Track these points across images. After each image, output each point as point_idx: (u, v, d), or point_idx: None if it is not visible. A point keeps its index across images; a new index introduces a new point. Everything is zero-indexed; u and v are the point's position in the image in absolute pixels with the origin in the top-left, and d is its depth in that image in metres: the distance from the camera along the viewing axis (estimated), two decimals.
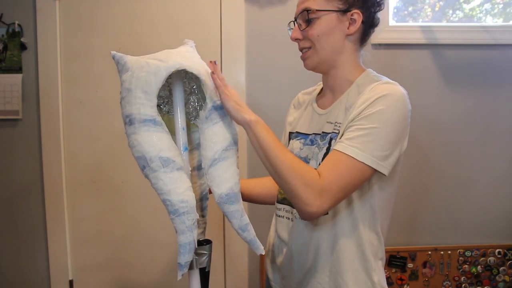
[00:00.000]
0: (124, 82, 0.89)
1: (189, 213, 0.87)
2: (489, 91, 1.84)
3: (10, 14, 1.78)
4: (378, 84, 0.94)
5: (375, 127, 0.88)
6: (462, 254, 1.83)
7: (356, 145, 0.87)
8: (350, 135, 0.89)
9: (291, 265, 1.04)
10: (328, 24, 0.97)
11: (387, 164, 0.90)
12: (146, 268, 1.90)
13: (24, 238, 1.86)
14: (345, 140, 0.89)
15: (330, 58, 1.00)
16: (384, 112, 0.88)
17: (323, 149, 0.98)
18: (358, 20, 0.98)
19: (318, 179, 0.86)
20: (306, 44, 1.01)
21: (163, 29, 1.82)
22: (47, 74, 1.79)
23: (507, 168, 1.87)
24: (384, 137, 0.88)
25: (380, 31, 1.78)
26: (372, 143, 0.88)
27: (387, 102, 0.89)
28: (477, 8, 1.94)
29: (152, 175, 0.86)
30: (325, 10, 0.97)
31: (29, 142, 1.82)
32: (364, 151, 0.87)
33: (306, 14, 0.97)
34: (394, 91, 0.91)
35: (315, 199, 0.85)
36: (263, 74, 1.80)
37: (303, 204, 0.86)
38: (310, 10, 0.97)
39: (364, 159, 0.87)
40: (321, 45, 0.98)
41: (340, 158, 0.88)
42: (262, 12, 1.79)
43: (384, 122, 0.88)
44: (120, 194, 1.87)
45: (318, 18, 0.97)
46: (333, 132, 0.97)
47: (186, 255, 0.88)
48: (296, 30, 1.01)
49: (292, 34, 1.02)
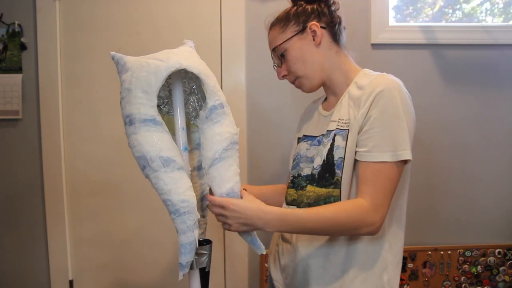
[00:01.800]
0: (124, 82, 0.89)
1: (190, 213, 0.87)
2: (489, 91, 1.84)
3: (10, 14, 1.78)
4: (374, 78, 0.97)
5: (391, 123, 0.92)
6: (462, 254, 1.83)
7: (387, 148, 0.91)
8: (374, 142, 0.92)
9: (297, 265, 1.04)
10: (296, 49, 1.04)
11: (410, 149, 0.94)
12: (146, 268, 1.90)
13: (24, 238, 1.85)
14: (373, 149, 0.92)
15: (319, 73, 1.06)
16: (389, 107, 0.92)
17: (327, 145, 0.99)
18: (317, 29, 1.04)
19: (364, 203, 0.90)
20: (292, 77, 1.08)
21: (163, 29, 1.82)
22: (47, 74, 1.79)
23: (507, 168, 1.87)
24: (402, 128, 0.92)
25: (380, 31, 1.78)
26: (397, 139, 0.92)
27: (388, 95, 0.93)
28: (477, 8, 1.94)
29: (152, 175, 0.86)
30: (285, 41, 1.04)
31: (29, 142, 1.82)
32: (395, 149, 0.91)
33: (277, 53, 1.06)
34: (388, 84, 0.94)
35: (374, 216, 0.90)
36: (263, 74, 1.79)
37: (368, 228, 0.91)
38: (275, 48, 1.06)
39: (397, 158, 0.91)
40: (302, 70, 1.05)
41: (377, 168, 0.91)
42: (262, 10, 1.78)
43: (394, 115, 0.92)
44: (120, 194, 1.87)
45: (286, 50, 1.04)
46: (336, 129, 0.99)
47: (187, 255, 0.88)
48: (278, 69, 1.09)
49: (278, 75, 1.10)
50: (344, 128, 0.98)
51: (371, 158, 0.91)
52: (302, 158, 1.09)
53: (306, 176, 1.05)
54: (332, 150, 0.98)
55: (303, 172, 1.06)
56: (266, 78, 1.80)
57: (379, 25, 1.78)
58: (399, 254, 1.03)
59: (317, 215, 0.91)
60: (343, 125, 0.98)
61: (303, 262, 1.02)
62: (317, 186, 1.00)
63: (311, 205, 1.00)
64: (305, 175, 1.05)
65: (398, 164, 0.92)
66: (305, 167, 1.06)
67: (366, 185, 0.92)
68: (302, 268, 1.02)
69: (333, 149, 0.98)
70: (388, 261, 1.00)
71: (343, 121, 0.99)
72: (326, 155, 0.98)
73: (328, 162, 0.98)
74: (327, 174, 0.98)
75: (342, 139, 0.97)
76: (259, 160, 1.81)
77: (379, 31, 1.78)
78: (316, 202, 0.99)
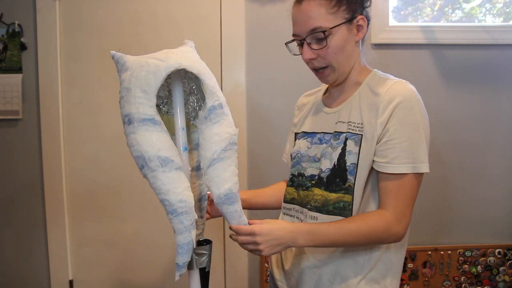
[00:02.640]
0: (124, 82, 0.89)
1: (188, 213, 0.87)
2: (489, 91, 1.84)
3: (10, 14, 1.78)
4: (392, 85, 0.96)
5: (411, 135, 0.92)
6: (462, 254, 1.83)
7: (407, 160, 0.91)
8: (394, 153, 0.92)
9: (301, 265, 1.03)
10: (342, 38, 0.97)
11: (427, 160, 0.94)
12: (146, 268, 1.90)
13: (24, 238, 1.86)
14: (393, 160, 0.92)
15: (347, 68, 1.01)
16: (409, 119, 0.92)
17: (338, 149, 0.97)
18: (364, 25, 0.99)
19: (388, 215, 0.92)
20: (321, 64, 0.99)
21: (163, 29, 1.82)
22: (47, 74, 1.79)
23: (507, 168, 1.86)
24: (421, 140, 0.93)
25: (380, 31, 1.78)
26: (417, 150, 0.92)
27: (407, 105, 0.92)
28: (477, 7, 1.94)
29: (150, 174, 0.86)
30: (336, 26, 0.95)
31: (29, 142, 1.82)
32: (415, 162, 0.92)
33: (321, 34, 0.95)
34: (407, 94, 0.94)
35: (398, 227, 0.92)
36: (263, 74, 1.80)
37: (392, 239, 0.94)
38: (325, 30, 0.94)
39: (417, 170, 0.92)
40: (338, 61, 0.98)
41: (398, 180, 0.92)
42: (262, 11, 1.78)
43: (414, 126, 0.92)
44: (120, 194, 1.87)
45: (331, 35, 0.95)
46: (348, 132, 0.97)
47: (184, 255, 0.88)
48: (308, 50, 0.97)
49: (305, 55, 0.98)
50: (356, 133, 0.96)
51: (391, 169, 0.92)
52: (304, 157, 1.07)
53: (311, 177, 1.03)
54: (344, 155, 0.96)
55: (306, 172, 1.05)
56: (266, 78, 1.80)
57: (379, 25, 1.78)
58: (403, 257, 1.05)
59: (344, 229, 0.92)
60: (355, 128, 0.96)
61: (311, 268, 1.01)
62: (326, 190, 0.98)
63: (318, 208, 0.99)
64: (309, 176, 1.04)
65: (417, 175, 0.93)
66: (308, 167, 1.05)
67: (389, 197, 0.93)
68: (309, 274, 1.01)
69: (345, 154, 0.96)
70: (394, 264, 1.01)
71: (355, 125, 0.97)
72: (337, 159, 0.97)
73: (340, 167, 0.96)
74: (337, 179, 0.96)
75: (354, 144, 0.95)
76: (259, 160, 1.81)
77: (379, 31, 1.78)
78: (324, 206, 0.98)
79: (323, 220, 0.98)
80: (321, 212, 0.98)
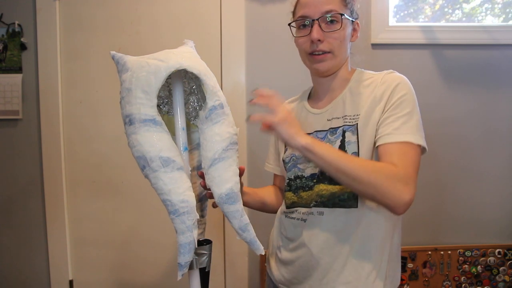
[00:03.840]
0: (124, 82, 0.89)
1: (189, 213, 0.87)
2: (489, 91, 1.84)
3: (10, 14, 1.78)
4: (385, 74, 1.01)
5: (410, 111, 0.95)
6: (462, 254, 1.83)
7: (407, 131, 0.93)
8: (394, 125, 0.93)
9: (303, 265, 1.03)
10: (348, 30, 1.03)
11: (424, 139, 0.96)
12: (146, 268, 1.90)
13: (24, 238, 1.86)
14: (394, 131, 0.93)
15: (342, 62, 1.06)
16: (408, 96, 0.96)
17: (337, 142, 0.99)
18: (358, 30, 1.07)
19: (397, 169, 0.89)
20: (325, 47, 1.01)
21: (163, 29, 1.82)
22: (47, 74, 1.79)
23: (507, 168, 1.87)
24: (418, 117, 0.96)
25: (380, 31, 1.78)
26: (416, 126, 0.94)
27: (405, 87, 0.97)
28: (477, 7, 1.94)
29: (152, 175, 0.86)
30: (349, 18, 1.02)
31: (29, 142, 1.82)
32: (415, 134, 0.93)
33: (335, 17, 0.98)
34: (402, 78, 0.99)
35: (405, 188, 0.87)
36: (263, 74, 1.80)
37: (396, 197, 0.87)
38: (343, 14, 0.99)
39: (419, 141, 0.93)
40: (340, 50, 1.02)
41: (401, 146, 0.92)
42: (262, 11, 1.79)
43: (412, 104, 0.96)
44: (120, 194, 1.87)
45: (342, 23, 1.00)
46: (344, 125, 1.00)
47: (186, 255, 0.88)
48: (319, 31, 0.99)
49: (314, 35, 0.99)
50: (352, 124, 0.98)
51: (394, 138, 0.92)
52: (300, 159, 1.07)
53: (312, 176, 1.03)
54: (344, 146, 0.98)
55: (305, 173, 1.05)
56: (266, 78, 1.80)
57: (379, 25, 1.78)
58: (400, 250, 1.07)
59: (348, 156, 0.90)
60: (351, 120, 0.99)
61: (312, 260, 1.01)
62: (329, 184, 0.99)
63: (324, 203, 1.00)
64: (310, 175, 1.04)
65: (418, 149, 0.93)
66: (307, 168, 1.05)
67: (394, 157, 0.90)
68: (311, 266, 1.02)
69: (344, 146, 0.98)
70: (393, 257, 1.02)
71: (351, 117, 0.99)
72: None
73: None
74: None
75: (352, 134, 0.97)
76: (259, 160, 1.81)
77: (379, 31, 1.78)
78: (330, 199, 0.99)
79: (329, 214, 0.99)
80: (326, 206, 1.00)
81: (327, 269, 1.00)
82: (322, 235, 1.00)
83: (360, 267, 0.98)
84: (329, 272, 1.00)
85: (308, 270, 1.03)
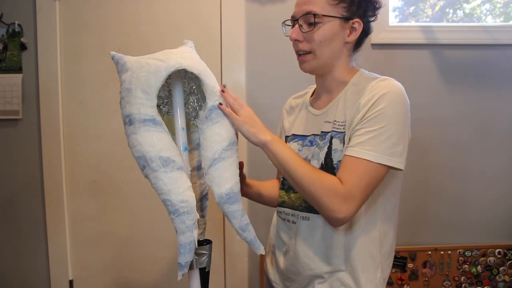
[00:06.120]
0: (124, 82, 0.89)
1: (189, 213, 0.87)
2: (489, 91, 1.84)
3: (10, 14, 1.78)
4: (377, 81, 0.95)
5: (383, 127, 0.89)
6: (462, 254, 1.83)
7: (370, 148, 0.89)
8: (361, 139, 0.90)
9: (296, 267, 1.03)
10: (331, 30, 0.98)
11: (402, 159, 0.91)
12: (146, 268, 1.90)
13: (24, 238, 1.86)
14: (357, 145, 0.90)
15: (328, 63, 1.01)
16: (387, 110, 0.90)
17: (324, 148, 0.98)
18: (359, 29, 1.00)
19: (340, 185, 0.88)
20: (305, 47, 1.00)
21: (163, 29, 1.82)
22: (47, 74, 1.79)
23: (507, 168, 1.87)
24: (393, 133, 0.90)
25: (380, 31, 1.78)
26: (384, 142, 0.89)
27: (388, 99, 0.91)
28: (478, 8, 1.94)
29: (152, 175, 0.86)
30: (330, 16, 0.96)
31: (29, 142, 1.82)
32: (378, 152, 0.88)
33: (312, 17, 0.96)
34: (392, 88, 0.93)
35: (341, 205, 0.87)
36: (263, 73, 1.80)
37: (330, 212, 0.88)
38: (316, 14, 0.96)
39: (380, 160, 0.88)
40: (321, 51, 0.99)
41: (357, 163, 0.89)
42: (262, 10, 1.79)
43: (390, 119, 0.90)
44: (120, 194, 1.87)
45: (322, 23, 0.97)
46: (332, 131, 0.98)
47: (187, 255, 0.88)
48: (297, 31, 0.99)
49: (292, 34, 1.00)
50: (340, 131, 0.96)
51: (353, 152, 0.90)
52: None
53: None
54: (330, 153, 0.96)
55: None
56: (266, 78, 1.80)
57: (379, 25, 1.78)
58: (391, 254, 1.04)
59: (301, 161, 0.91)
60: (339, 127, 0.97)
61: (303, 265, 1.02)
62: None
63: (309, 208, 0.99)
64: None
65: (379, 166, 0.89)
66: None
67: (344, 172, 0.90)
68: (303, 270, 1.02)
69: (331, 153, 0.96)
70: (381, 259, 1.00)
71: (339, 123, 0.97)
72: (324, 158, 0.97)
73: (327, 166, 0.97)
74: None
75: (339, 142, 0.96)
76: (259, 160, 1.81)
77: (379, 31, 1.78)
78: None
79: (315, 219, 0.98)
80: (312, 212, 0.99)
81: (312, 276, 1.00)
82: (308, 241, 1.01)
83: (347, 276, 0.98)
84: (316, 279, 1.00)
85: (295, 274, 1.04)
